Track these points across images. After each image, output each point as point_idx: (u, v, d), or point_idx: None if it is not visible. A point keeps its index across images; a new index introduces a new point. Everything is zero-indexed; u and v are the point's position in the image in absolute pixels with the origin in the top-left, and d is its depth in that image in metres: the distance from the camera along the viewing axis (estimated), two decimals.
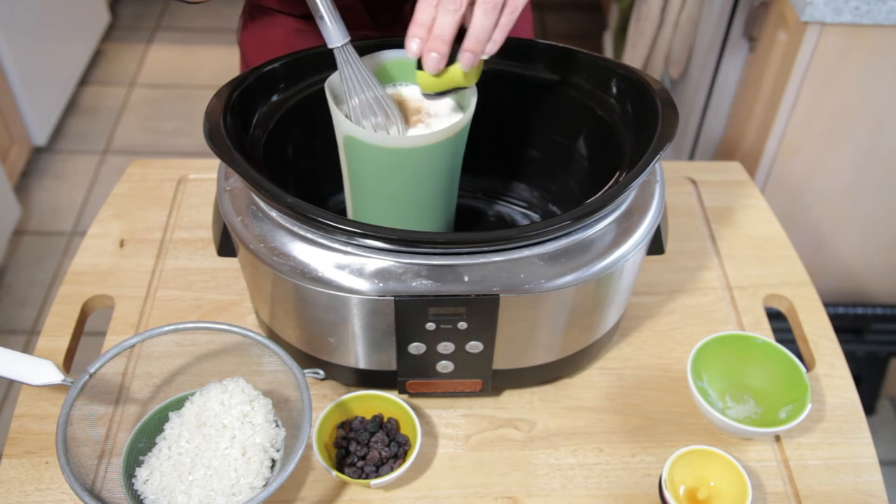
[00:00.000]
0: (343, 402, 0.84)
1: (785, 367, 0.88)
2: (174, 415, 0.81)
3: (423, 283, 0.75)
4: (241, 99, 0.83)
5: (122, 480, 0.77)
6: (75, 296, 0.99)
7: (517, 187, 1.01)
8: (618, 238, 0.78)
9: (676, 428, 0.89)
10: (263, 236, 0.77)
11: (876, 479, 0.85)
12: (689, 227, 1.10)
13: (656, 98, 0.83)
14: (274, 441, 0.78)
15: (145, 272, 1.03)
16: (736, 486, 0.79)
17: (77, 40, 2.62)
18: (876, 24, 1.31)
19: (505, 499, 0.83)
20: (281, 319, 0.86)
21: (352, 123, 0.75)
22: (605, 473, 0.85)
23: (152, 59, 2.84)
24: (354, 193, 0.83)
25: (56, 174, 2.40)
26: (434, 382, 0.87)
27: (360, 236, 0.73)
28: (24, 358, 0.82)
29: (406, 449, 0.83)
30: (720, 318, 1.00)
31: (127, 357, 0.88)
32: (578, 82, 0.89)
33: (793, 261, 1.06)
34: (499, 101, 0.92)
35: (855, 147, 1.47)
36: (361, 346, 0.83)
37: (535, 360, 0.87)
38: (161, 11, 3.04)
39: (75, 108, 2.61)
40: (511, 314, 0.78)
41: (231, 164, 0.74)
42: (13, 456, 0.84)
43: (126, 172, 1.16)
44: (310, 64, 0.87)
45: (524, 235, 0.74)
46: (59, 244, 2.20)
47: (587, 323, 0.85)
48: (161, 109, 2.64)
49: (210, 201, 1.11)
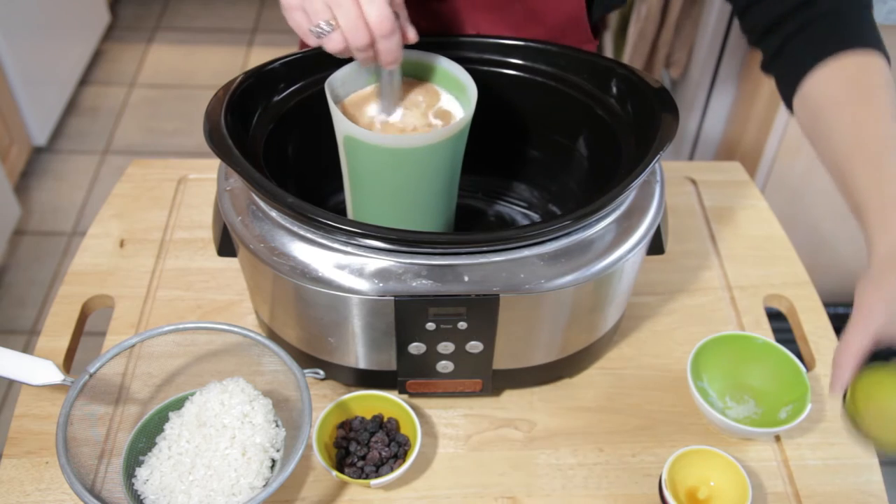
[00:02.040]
0: (343, 402, 0.84)
1: (785, 367, 0.88)
2: (174, 415, 0.81)
3: (423, 283, 0.75)
4: (241, 99, 0.83)
5: (122, 480, 0.77)
6: (75, 296, 0.99)
7: (517, 187, 1.01)
8: (618, 238, 0.78)
9: (676, 428, 0.89)
10: (263, 236, 0.77)
11: (876, 479, 0.85)
12: (689, 227, 1.10)
13: (656, 98, 0.83)
14: (274, 441, 0.78)
15: (145, 272, 1.03)
16: (736, 486, 0.79)
17: (77, 40, 2.63)
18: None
19: (505, 499, 0.83)
20: (281, 319, 0.86)
21: (352, 123, 0.75)
22: (605, 473, 0.85)
23: (152, 59, 2.84)
24: (354, 193, 0.83)
25: (56, 174, 2.40)
26: (434, 382, 0.87)
27: (360, 236, 0.73)
28: (24, 358, 0.82)
29: (406, 449, 0.83)
30: (720, 318, 1.00)
31: (127, 357, 0.88)
32: (578, 82, 0.89)
33: (793, 261, 1.06)
34: (499, 101, 0.92)
35: None
36: (361, 346, 0.83)
37: (535, 360, 0.87)
38: (161, 11, 3.04)
39: (75, 108, 2.61)
40: (511, 314, 0.78)
41: (231, 164, 0.74)
42: (13, 456, 0.84)
43: (126, 172, 1.16)
44: (310, 64, 0.87)
45: (524, 235, 0.74)
46: (59, 244, 2.20)
47: (587, 323, 0.85)
48: (161, 109, 2.64)
49: (210, 201, 1.11)
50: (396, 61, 0.73)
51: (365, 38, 0.69)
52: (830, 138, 0.75)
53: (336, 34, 0.69)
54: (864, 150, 0.72)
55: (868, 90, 0.74)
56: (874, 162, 0.71)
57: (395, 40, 0.70)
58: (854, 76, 0.75)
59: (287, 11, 0.70)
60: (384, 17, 0.68)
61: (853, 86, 0.75)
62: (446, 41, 0.90)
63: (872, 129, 0.72)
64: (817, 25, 0.78)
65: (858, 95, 0.74)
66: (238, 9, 3.07)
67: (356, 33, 0.68)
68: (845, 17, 0.78)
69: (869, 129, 0.73)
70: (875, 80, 0.75)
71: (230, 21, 3.01)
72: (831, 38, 0.77)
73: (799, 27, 0.79)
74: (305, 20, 0.70)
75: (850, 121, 0.74)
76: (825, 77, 0.76)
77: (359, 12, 0.68)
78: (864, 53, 0.76)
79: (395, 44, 0.70)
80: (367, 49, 0.70)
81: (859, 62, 0.76)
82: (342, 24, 0.68)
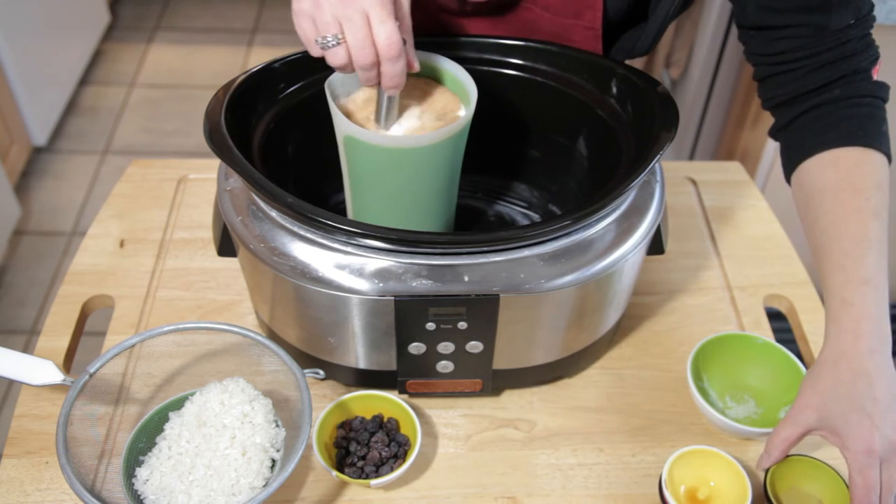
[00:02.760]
0: (343, 402, 0.84)
1: (785, 367, 0.88)
2: (174, 415, 0.81)
3: (423, 283, 0.75)
4: (241, 99, 0.83)
5: (122, 480, 0.77)
6: (75, 296, 0.99)
7: (517, 187, 1.01)
8: (618, 238, 0.78)
9: (676, 428, 0.89)
10: (263, 236, 0.77)
11: None
12: (689, 227, 1.10)
13: (656, 98, 0.83)
14: (274, 441, 0.78)
15: (145, 272, 1.03)
16: (736, 486, 0.79)
17: (77, 40, 2.63)
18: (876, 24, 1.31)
19: (505, 499, 0.83)
20: (281, 319, 0.86)
21: (352, 123, 0.75)
22: (605, 473, 0.85)
23: (152, 59, 2.84)
24: (354, 193, 0.83)
25: (56, 174, 2.40)
26: (434, 382, 0.87)
27: (360, 236, 0.73)
28: (24, 358, 0.82)
29: (406, 449, 0.83)
30: (720, 318, 1.00)
31: (127, 357, 0.88)
32: (578, 82, 0.89)
33: (793, 261, 1.06)
34: (499, 101, 0.92)
35: None
36: (361, 346, 0.83)
37: (535, 360, 0.87)
38: (161, 11, 3.04)
39: (75, 108, 2.61)
40: (511, 314, 0.78)
41: (231, 164, 0.74)
42: (13, 456, 0.84)
43: (126, 172, 1.16)
44: (310, 64, 0.87)
45: (524, 235, 0.74)
46: (59, 244, 2.20)
47: (587, 323, 0.85)
48: (161, 109, 2.64)
49: (210, 201, 1.11)
50: (398, 87, 0.72)
51: (370, 57, 0.69)
52: (814, 227, 0.78)
53: (341, 49, 0.69)
54: (838, 248, 0.75)
55: (859, 188, 0.76)
56: (842, 264, 0.74)
57: (401, 65, 0.70)
58: (849, 171, 0.77)
59: (296, 17, 0.70)
60: (393, 40, 0.68)
61: (845, 180, 0.77)
62: (446, 41, 0.90)
63: (853, 228, 0.75)
64: (828, 112, 0.79)
65: (848, 191, 0.76)
66: (238, 9, 3.07)
67: (362, 51, 0.68)
68: (857, 108, 0.79)
69: (850, 229, 0.75)
70: (869, 179, 0.76)
71: (230, 21, 3.01)
72: (837, 129, 0.78)
73: (810, 108, 0.80)
74: (313, 30, 0.70)
75: (833, 216, 0.76)
76: (822, 165, 0.78)
77: (368, 31, 0.68)
78: (865, 151, 0.77)
79: (399, 68, 0.70)
80: (371, 69, 0.70)
81: (858, 158, 0.77)
82: (349, 40, 0.68)
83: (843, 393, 0.71)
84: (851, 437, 0.70)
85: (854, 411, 0.70)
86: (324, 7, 0.68)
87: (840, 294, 0.73)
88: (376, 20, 0.67)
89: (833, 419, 0.71)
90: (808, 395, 0.73)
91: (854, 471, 0.70)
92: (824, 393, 0.72)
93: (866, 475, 0.69)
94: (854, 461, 0.70)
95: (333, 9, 0.67)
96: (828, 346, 0.73)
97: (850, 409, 0.70)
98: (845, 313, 0.72)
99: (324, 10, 0.68)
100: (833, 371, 0.72)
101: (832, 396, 0.71)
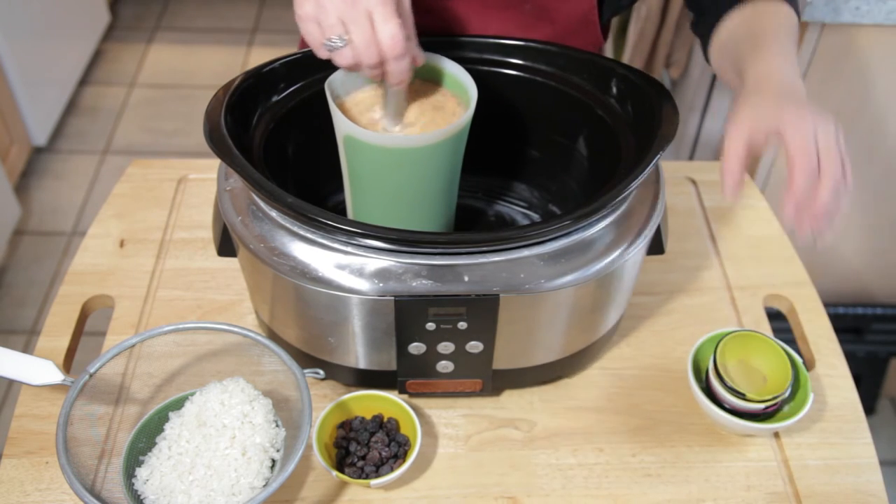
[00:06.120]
0: (343, 402, 0.84)
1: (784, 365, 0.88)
2: (174, 415, 0.81)
3: (423, 283, 0.75)
4: (241, 99, 0.83)
5: (122, 480, 0.77)
6: (75, 296, 0.99)
7: (517, 187, 1.01)
8: (618, 238, 0.78)
9: (676, 428, 0.89)
10: (263, 236, 0.77)
11: (876, 479, 0.85)
12: (689, 227, 1.10)
13: (656, 98, 0.83)
14: (274, 441, 0.78)
15: (145, 272, 1.03)
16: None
17: (77, 40, 2.63)
18: (876, 24, 1.31)
19: (505, 499, 0.83)
20: (281, 319, 0.86)
21: (352, 123, 0.75)
22: (605, 473, 0.85)
23: (152, 59, 2.84)
24: (354, 193, 0.83)
25: (56, 174, 2.40)
26: (434, 382, 0.87)
27: (360, 236, 0.73)
28: (24, 358, 0.82)
29: (406, 449, 0.83)
30: (720, 318, 1.00)
31: (127, 357, 0.88)
32: (578, 82, 0.89)
33: (793, 261, 1.06)
34: (499, 101, 0.92)
35: (855, 147, 1.46)
36: (361, 346, 0.83)
37: (535, 360, 0.87)
38: (161, 11, 3.04)
39: (75, 108, 2.61)
40: (511, 314, 0.78)
41: (231, 164, 0.74)
42: (13, 456, 0.84)
43: (126, 172, 1.16)
44: (310, 64, 0.87)
45: (524, 235, 0.74)
46: (59, 244, 2.20)
47: (587, 323, 0.85)
48: (161, 109, 2.64)
49: (210, 201, 1.11)
50: (403, 83, 0.74)
51: (375, 56, 0.70)
52: (730, 54, 0.84)
53: (347, 50, 0.70)
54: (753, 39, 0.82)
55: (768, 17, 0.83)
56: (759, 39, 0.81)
57: (405, 62, 0.71)
58: (759, 12, 0.84)
59: (301, 22, 0.71)
60: (397, 38, 0.69)
61: (755, 17, 0.84)
62: (446, 41, 0.90)
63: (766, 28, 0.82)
64: None
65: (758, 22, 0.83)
66: (238, 9, 3.07)
67: (367, 51, 0.70)
68: None
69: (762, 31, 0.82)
70: (778, 17, 0.83)
71: (230, 21, 3.01)
72: None
73: None
74: (318, 33, 0.71)
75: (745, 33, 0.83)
76: (732, 19, 0.86)
77: (372, 31, 0.69)
78: (773, 2, 0.85)
79: (404, 65, 0.72)
80: (377, 67, 0.72)
81: (767, 7, 0.85)
82: (354, 40, 0.69)
83: (771, 98, 0.74)
84: (788, 123, 0.71)
85: (785, 105, 0.72)
86: (328, 9, 0.69)
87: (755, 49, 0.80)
88: (379, 19, 0.68)
89: (768, 119, 0.72)
90: (740, 112, 0.74)
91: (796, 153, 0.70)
92: (755, 105, 0.74)
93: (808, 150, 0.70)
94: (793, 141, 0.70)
95: (337, 10, 0.69)
96: (748, 80, 0.77)
97: (782, 105, 0.72)
98: (760, 59, 0.78)
99: (328, 13, 0.69)
100: (756, 92, 0.75)
101: (762, 106, 0.74)
